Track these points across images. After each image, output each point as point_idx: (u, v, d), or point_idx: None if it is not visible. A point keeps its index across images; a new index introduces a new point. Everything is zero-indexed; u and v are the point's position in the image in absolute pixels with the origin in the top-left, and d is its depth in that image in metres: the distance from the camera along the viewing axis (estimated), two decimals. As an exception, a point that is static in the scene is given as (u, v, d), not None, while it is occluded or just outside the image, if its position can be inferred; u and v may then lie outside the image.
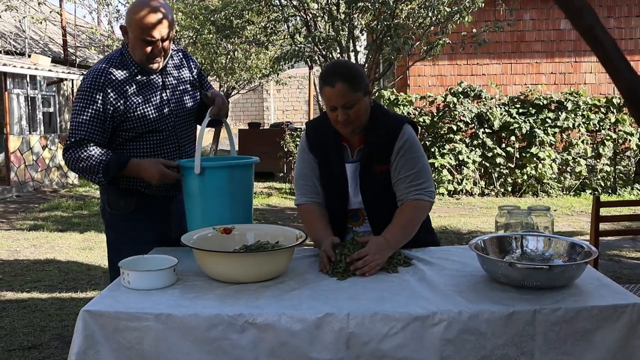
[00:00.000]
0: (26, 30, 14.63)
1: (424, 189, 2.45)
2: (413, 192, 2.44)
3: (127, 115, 2.61)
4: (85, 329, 1.83)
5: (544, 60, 11.56)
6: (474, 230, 7.76)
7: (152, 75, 2.69)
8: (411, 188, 2.44)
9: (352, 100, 2.36)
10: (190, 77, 2.85)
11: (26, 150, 12.37)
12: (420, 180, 2.45)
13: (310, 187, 2.58)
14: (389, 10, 8.59)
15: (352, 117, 2.39)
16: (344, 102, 2.35)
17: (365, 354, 1.77)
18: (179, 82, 2.79)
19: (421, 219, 2.47)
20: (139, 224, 2.67)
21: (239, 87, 15.67)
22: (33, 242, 7.44)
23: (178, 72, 2.80)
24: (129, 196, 2.71)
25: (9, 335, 4.19)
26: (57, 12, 15.64)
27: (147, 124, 2.65)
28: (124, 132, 2.64)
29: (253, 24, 11.67)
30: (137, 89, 2.64)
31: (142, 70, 2.67)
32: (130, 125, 2.63)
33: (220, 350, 1.79)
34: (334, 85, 2.34)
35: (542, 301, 1.85)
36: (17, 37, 14.83)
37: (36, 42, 15.54)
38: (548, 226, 2.49)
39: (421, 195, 2.44)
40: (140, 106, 2.63)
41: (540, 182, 10.46)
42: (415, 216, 2.44)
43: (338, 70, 2.40)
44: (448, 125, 10.49)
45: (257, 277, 2.06)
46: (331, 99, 2.36)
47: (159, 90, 2.70)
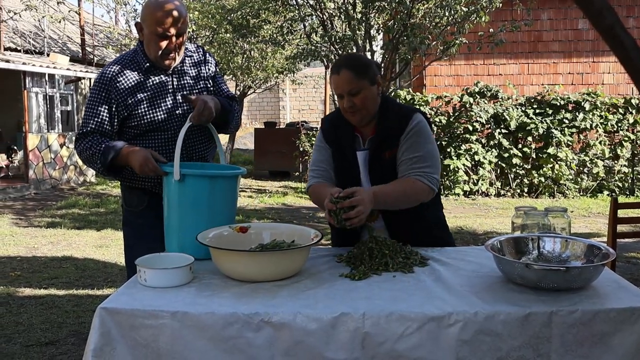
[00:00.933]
0: (45, 30, 14.76)
1: (427, 172, 2.42)
2: (414, 173, 2.42)
3: (132, 113, 2.66)
4: (101, 326, 1.84)
5: (561, 60, 11.47)
6: (489, 231, 7.73)
7: (164, 74, 2.72)
8: (413, 169, 2.42)
9: (356, 87, 2.40)
10: (209, 73, 2.87)
11: (44, 148, 12.49)
12: (424, 164, 2.43)
13: (322, 172, 2.61)
14: (405, 10, 8.57)
15: (358, 105, 2.43)
16: (349, 88, 2.41)
17: (381, 354, 1.77)
18: (196, 81, 2.81)
19: (415, 198, 2.41)
20: (150, 221, 2.69)
21: (255, 87, 15.70)
22: (50, 239, 7.51)
23: (197, 70, 2.82)
24: (142, 194, 2.76)
25: (27, 331, 4.24)
26: (75, 12, 15.75)
27: (152, 122, 2.68)
28: (130, 129, 2.70)
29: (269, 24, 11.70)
30: (145, 87, 2.68)
31: (154, 68, 2.70)
32: (135, 122, 2.67)
33: (236, 348, 1.79)
34: (340, 72, 2.42)
35: (559, 303, 1.84)
36: (37, 36, 14.96)
37: (55, 41, 15.68)
38: (565, 227, 2.47)
39: (421, 177, 2.41)
40: (145, 104, 2.66)
41: (557, 183, 10.39)
42: (411, 191, 2.40)
43: (344, 59, 2.49)
44: (464, 125, 10.45)
45: (273, 276, 2.06)
46: (337, 86, 2.44)
47: (170, 89, 2.72)
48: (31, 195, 11.73)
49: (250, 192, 11.60)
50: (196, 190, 2.34)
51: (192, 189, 2.34)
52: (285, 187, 12.47)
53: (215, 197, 2.37)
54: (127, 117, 2.67)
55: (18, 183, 12.00)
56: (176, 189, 2.35)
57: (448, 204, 9.74)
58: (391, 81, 9.70)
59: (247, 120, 24.53)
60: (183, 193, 2.35)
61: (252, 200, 10.62)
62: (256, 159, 14.49)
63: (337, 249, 2.55)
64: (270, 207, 9.97)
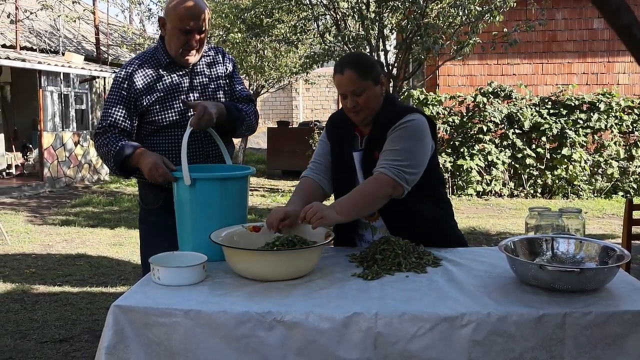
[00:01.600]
0: (60, 29, 14.87)
1: (394, 165, 2.31)
2: (380, 166, 2.34)
3: (149, 108, 2.71)
4: (115, 324, 1.85)
5: (576, 60, 11.39)
6: (502, 231, 7.70)
7: (181, 72, 2.76)
8: (383, 161, 2.35)
9: (360, 88, 2.40)
10: (225, 72, 2.90)
11: (59, 146, 12.58)
12: (397, 157, 2.33)
13: (319, 166, 2.61)
14: (419, 10, 8.56)
15: (361, 105, 2.42)
16: (353, 88, 2.40)
17: (393, 354, 1.77)
18: (210, 80, 2.83)
19: (379, 193, 2.31)
20: (165, 218, 2.68)
21: (269, 86, 15.74)
22: (65, 237, 7.57)
23: (210, 70, 2.85)
24: (158, 192, 2.77)
25: (42, 328, 4.27)
26: (90, 11, 15.86)
27: (166, 120, 2.72)
28: (146, 125, 2.75)
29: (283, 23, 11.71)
30: (161, 85, 2.72)
31: (173, 65, 2.75)
32: (150, 119, 2.72)
33: (248, 347, 1.80)
34: (343, 72, 2.41)
35: (573, 304, 1.83)
36: (52, 35, 15.08)
37: (70, 41, 15.79)
38: (579, 228, 2.45)
39: (385, 170, 2.31)
40: (160, 102, 2.71)
41: (571, 183, 10.33)
42: (371, 189, 2.32)
43: (348, 59, 2.48)
44: (478, 125, 10.41)
45: (286, 275, 2.07)
46: (341, 85, 2.43)
47: (185, 87, 2.76)
48: (46, 193, 11.82)
49: (263, 192, 11.62)
50: (207, 193, 2.35)
51: (203, 192, 2.34)
52: (298, 186, 12.47)
53: (227, 199, 2.38)
54: (144, 114, 2.73)
55: (33, 181, 12.10)
56: (187, 193, 2.35)
57: (461, 204, 9.71)
58: (404, 81, 9.69)
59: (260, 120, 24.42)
60: (194, 196, 2.35)
61: (264, 199, 10.64)
62: (269, 158, 14.51)
63: (350, 249, 2.55)
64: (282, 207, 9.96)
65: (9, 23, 10.54)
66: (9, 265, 6.05)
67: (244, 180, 2.48)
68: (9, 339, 4.06)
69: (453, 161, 10.33)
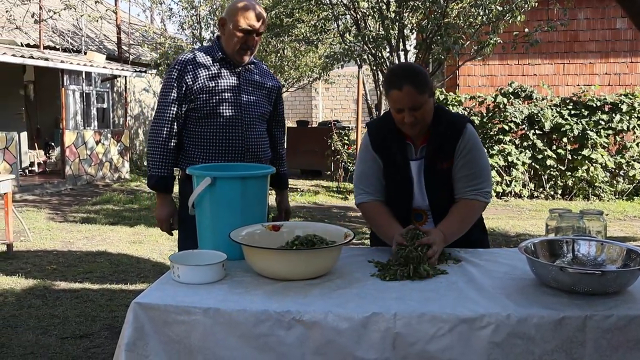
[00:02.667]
0: (83, 28, 15.02)
1: (481, 189, 2.49)
2: (470, 192, 2.48)
3: (196, 95, 2.88)
4: (135, 321, 1.86)
5: (598, 60, 11.28)
6: (522, 233, 7.64)
7: (232, 69, 2.95)
8: (468, 187, 2.49)
9: (419, 102, 2.38)
10: (274, 87, 3.12)
11: (81, 144, 12.70)
12: (478, 180, 2.48)
13: (372, 186, 2.59)
14: (439, 9, 8.52)
15: (419, 119, 2.41)
16: (412, 104, 2.37)
17: (412, 355, 1.76)
18: (258, 86, 3.04)
19: (475, 218, 2.51)
20: None
21: (288, 86, 15.76)
22: (85, 234, 7.64)
23: (261, 78, 3.06)
24: None
25: (62, 324, 4.32)
26: (112, 11, 16.00)
27: (212, 105, 2.88)
28: (193, 112, 2.91)
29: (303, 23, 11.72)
30: (211, 74, 2.90)
31: (225, 62, 2.95)
32: (198, 104, 2.89)
33: (267, 346, 1.80)
34: (402, 88, 2.36)
35: (594, 307, 1.81)
36: (75, 35, 15.23)
37: (92, 40, 15.94)
38: (601, 231, 2.43)
39: (477, 196, 2.48)
40: (208, 89, 2.88)
41: (592, 185, 10.23)
42: (471, 215, 2.49)
43: (405, 73, 2.42)
44: (498, 125, 10.35)
45: (305, 274, 2.07)
46: (399, 101, 2.39)
47: (234, 83, 2.94)
48: (67, 190, 11.95)
49: (282, 191, 11.63)
50: (228, 191, 2.35)
51: (224, 190, 2.35)
52: (317, 186, 12.50)
53: (247, 198, 2.38)
54: (192, 99, 2.89)
55: (55, 179, 12.23)
56: (208, 191, 2.35)
57: (480, 205, 9.64)
58: (424, 81, 9.63)
59: (280, 119, 24.56)
60: (215, 195, 2.35)
61: (283, 198, 10.65)
62: (288, 157, 14.38)
63: (370, 249, 2.55)
64: (301, 206, 10.00)
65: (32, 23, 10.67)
66: (30, 262, 6.12)
67: (264, 179, 2.49)
68: (31, 334, 4.11)
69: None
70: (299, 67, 14.76)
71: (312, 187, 12.32)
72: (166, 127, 2.88)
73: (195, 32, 13.77)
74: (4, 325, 4.29)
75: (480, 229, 2.68)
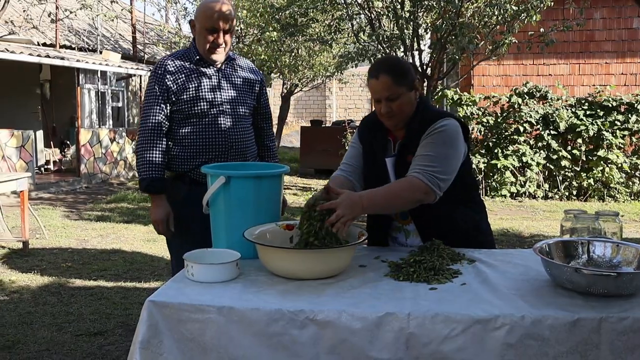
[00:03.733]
0: (99, 28, 15.11)
1: (428, 171, 2.29)
2: (414, 170, 2.32)
3: (177, 97, 2.94)
4: (149, 319, 1.87)
5: (614, 60, 11.19)
6: (536, 234, 7.60)
7: (209, 69, 2.98)
8: (417, 166, 2.33)
9: (395, 93, 2.38)
10: (257, 81, 3.14)
11: (96, 143, 12.79)
12: (430, 163, 2.31)
13: (350, 167, 2.62)
14: (454, 9, 8.49)
15: (395, 110, 2.41)
16: (388, 94, 2.38)
17: (425, 355, 1.76)
18: (243, 84, 3.07)
19: (411, 197, 2.30)
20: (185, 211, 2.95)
21: (302, 85, 15.76)
22: (100, 232, 7.69)
23: (246, 74, 3.10)
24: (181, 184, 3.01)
25: (77, 321, 4.35)
26: (127, 10, 16.10)
27: (193, 109, 2.94)
28: (176, 114, 2.97)
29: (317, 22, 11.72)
30: (191, 78, 2.96)
31: (202, 62, 2.99)
32: (179, 106, 2.95)
33: (280, 345, 1.81)
34: (378, 77, 2.39)
35: (609, 309, 1.80)
36: (90, 34, 15.34)
37: (107, 39, 16.04)
38: (616, 232, 2.41)
39: (419, 175, 2.29)
40: (189, 93, 2.94)
41: (607, 186, 10.15)
42: (404, 191, 2.29)
43: (383, 64, 2.46)
44: (513, 126, 10.29)
45: (319, 274, 2.07)
46: (375, 91, 2.42)
47: (212, 79, 2.98)
48: (82, 188, 12.03)
49: (296, 190, 11.65)
50: (242, 190, 2.35)
51: (237, 189, 2.35)
52: (330, 185, 12.48)
53: (261, 197, 2.38)
54: (174, 103, 2.96)
55: (70, 177, 12.32)
56: (222, 191, 2.36)
57: (494, 205, 9.61)
58: (438, 81, 9.62)
59: (293, 119, 24.64)
60: (229, 194, 2.36)
61: (297, 197, 10.67)
62: (302, 156, 14.54)
63: (383, 249, 2.55)
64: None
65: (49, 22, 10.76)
66: (46, 259, 6.18)
67: (278, 179, 2.49)
68: (46, 331, 4.15)
69: (487, 162, 10.23)
70: (313, 67, 14.76)
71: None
72: (153, 130, 2.93)
73: (209, 32, 13.81)
74: (19, 321, 4.34)
75: (479, 230, 2.58)
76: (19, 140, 11.00)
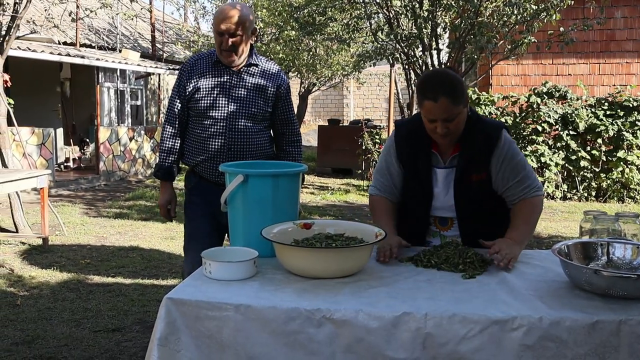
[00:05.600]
0: (118, 27, 15.22)
1: (536, 186, 2.50)
2: (528, 192, 2.48)
3: (192, 96, 3.08)
4: (167, 316, 1.88)
5: (635, 60, 11.05)
6: (554, 235, 7.54)
7: (226, 71, 3.07)
8: (525, 190, 2.48)
9: (453, 114, 2.34)
10: (269, 87, 3.13)
11: (114, 141, 12.88)
12: (529, 181, 2.49)
13: (386, 185, 2.63)
14: (473, 8, 8.44)
15: (452, 130, 2.38)
16: (447, 116, 2.33)
17: (442, 355, 1.76)
18: (251, 85, 3.09)
19: (539, 214, 2.51)
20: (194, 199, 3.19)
21: (320, 84, 15.76)
22: (118, 229, 7.75)
23: (260, 79, 3.12)
24: (191, 174, 3.22)
25: (95, 317, 4.39)
26: (147, 9, 16.19)
27: (201, 106, 3.06)
28: (191, 111, 3.13)
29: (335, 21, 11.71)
30: (206, 75, 3.08)
31: (220, 64, 3.09)
32: (192, 104, 3.10)
33: (297, 343, 1.81)
34: (437, 100, 2.30)
35: (629, 311, 1.78)
36: (110, 33, 15.45)
37: (127, 38, 16.15)
38: (637, 234, 2.39)
39: (535, 192, 2.49)
40: (200, 90, 3.06)
41: (627, 187, 10.04)
42: (535, 212, 2.49)
43: (441, 84, 2.34)
44: (531, 126, 10.22)
45: (336, 273, 2.08)
46: (433, 112, 2.34)
47: (224, 79, 3.08)
48: (101, 186, 12.13)
49: (313, 189, 11.66)
50: (260, 189, 2.36)
51: (256, 187, 2.36)
52: (348, 184, 12.48)
53: (279, 195, 2.39)
54: (189, 100, 3.10)
55: (89, 174, 12.43)
56: (240, 189, 2.36)
57: (512, 206, 9.54)
58: (457, 80, 9.56)
59: (311, 117, 24.66)
60: (247, 192, 2.37)
61: (314, 197, 10.68)
62: (319, 156, 14.55)
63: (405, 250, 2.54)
64: (332, 204, 10.00)
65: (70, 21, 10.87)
66: (65, 256, 6.23)
67: (296, 177, 2.50)
68: (65, 327, 4.19)
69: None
70: (331, 66, 14.75)
71: (342, 185, 12.31)
72: (170, 123, 3.16)
73: (228, 31, 13.87)
74: (39, 317, 4.38)
75: None
76: (40, 138, 11.11)
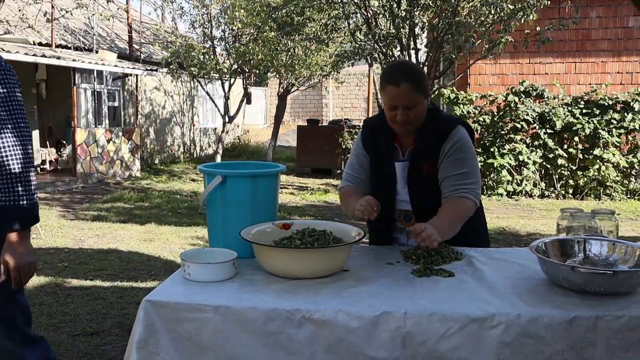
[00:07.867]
0: (94, 27, 15.08)
1: (471, 189, 2.41)
2: (460, 190, 2.41)
3: None
4: (146, 319, 1.87)
5: (610, 59, 11.20)
6: (532, 232, 7.61)
7: None
8: (458, 186, 2.42)
9: (414, 102, 2.38)
10: None
11: (92, 142, 12.77)
12: (468, 181, 2.42)
13: (356, 178, 2.65)
14: (450, 8, 8.49)
15: (411, 118, 2.41)
16: (407, 102, 2.37)
17: (421, 354, 1.76)
18: None
19: (465, 217, 2.40)
20: None
21: (299, 84, 15.74)
22: (96, 232, 7.68)
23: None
24: None
25: (73, 321, 4.35)
26: (124, 10, 16.06)
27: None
28: None
29: (314, 21, 11.70)
30: None
31: None
32: None
33: (277, 344, 1.81)
34: (399, 85, 2.36)
35: (605, 307, 1.80)
36: (86, 33, 15.30)
37: (103, 39, 16.00)
38: (612, 230, 2.42)
39: (467, 194, 2.40)
40: None
41: (603, 184, 10.17)
42: (460, 213, 2.39)
43: (403, 70, 2.42)
44: (510, 124, 10.31)
45: (315, 273, 2.07)
46: (394, 98, 2.38)
47: None
48: (78, 188, 12.01)
49: (292, 189, 11.65)
50: (239, 189, 2.36)
51: (234, 188, 2.35)
52: (327, 184, 12.49)
53: (258, 196, 2.38)
54: None
55: (66, 176, 12.30)
56: (219, 190, 2.36)
57: (491, 204, 9.62)
58: (435, 80, 9.62)
59: (290, 118, 24.64)
60: (225, 193, 2.36)
61: (293, 197, 10.67)
62: (298, 156, 14.55)
63: (381, 248, 2.56)
64: (311, 205, 10.00)
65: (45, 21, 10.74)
66: (42, 259, 6.16)
67: (274, 178, 2.49)
68: (43, 331, 4.14)
69: (483, 160, 10.25)
70: (310, 66, 14.74)
71: (322, 185, 12.32)
72: None
73: (206, 31, 13.78)
74: (16, 322, 4.32)
75: (475, 234, 2.58)
76: (15, 140, 10.96)
